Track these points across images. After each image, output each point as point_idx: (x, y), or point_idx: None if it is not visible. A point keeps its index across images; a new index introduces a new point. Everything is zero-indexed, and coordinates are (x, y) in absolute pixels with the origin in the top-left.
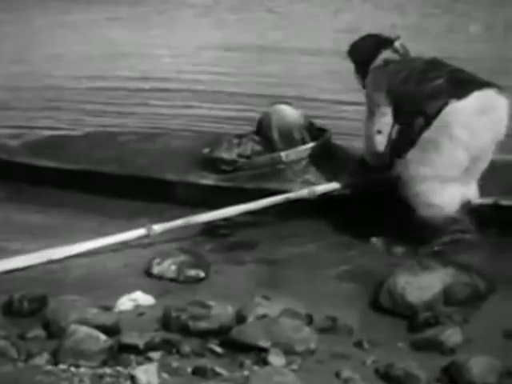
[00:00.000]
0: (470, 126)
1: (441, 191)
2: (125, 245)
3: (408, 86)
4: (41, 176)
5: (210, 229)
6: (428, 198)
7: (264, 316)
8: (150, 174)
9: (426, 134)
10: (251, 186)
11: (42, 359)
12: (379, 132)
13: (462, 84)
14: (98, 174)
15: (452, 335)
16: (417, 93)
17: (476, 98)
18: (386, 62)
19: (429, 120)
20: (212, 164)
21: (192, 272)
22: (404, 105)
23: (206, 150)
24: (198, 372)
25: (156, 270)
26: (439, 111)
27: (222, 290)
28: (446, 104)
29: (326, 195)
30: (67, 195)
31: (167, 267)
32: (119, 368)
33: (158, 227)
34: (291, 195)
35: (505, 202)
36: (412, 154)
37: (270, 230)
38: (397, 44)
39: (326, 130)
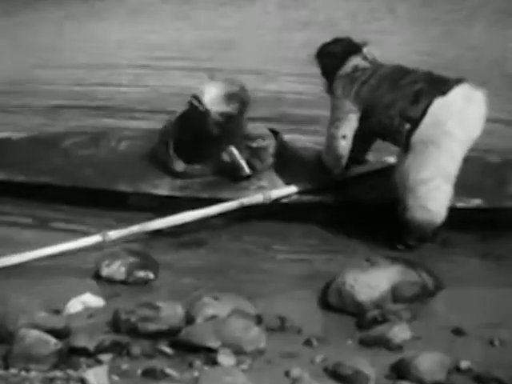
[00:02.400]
0: (460, 118)
1: (442, 192)
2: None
3: (379, 92)
4: None
5: (159, 230)
6: (427, 201)
7: (213, 316)
8: (100, 185)
9: (423, 136)
10: (205, 196)
11: None
12: (344, 137)
13: (441, 82)
14: (46, 187)
15: (400, 332)
16: (392, 98)
17: (458, 93)
18: (355, 69)
19: (416, 123)
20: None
21: (141, 273)
22: (376, 111)
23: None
24: (148, 374)
25: (105, 271)
26: (424, 111)
27: (171, 291)
28: (430, 103)
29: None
30: (14, 205)
31: (116, 269)
32: (69, 371)
33: (113, 233)
34: (246, 200)
35: (459, 205)
36: (410, 159)
37: (219, 230)
38: (365, 50)
39: (277, 133)
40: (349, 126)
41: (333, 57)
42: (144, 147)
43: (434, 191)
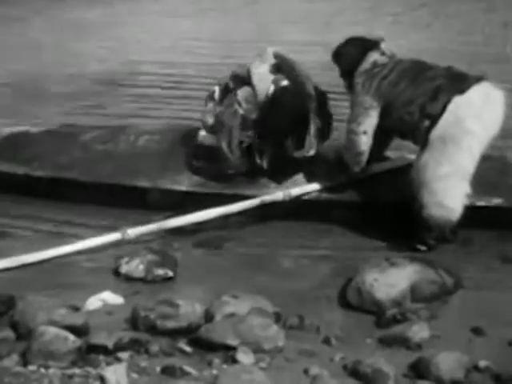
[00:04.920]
0: (479, 117)
1: (459, 190)
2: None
3: (399, 87)
4: (3, 181)
5: (177, 227)
6: (444, 198)
7: (232, 314)
8: (119, 181)
9: (442, 133)
10: (225, 192)
11: (11, 361)
12: (365, 133)
13: (461, 79)
14: (66, 181)
15: (419, 331)
16: (412, 94)
17: (477, 91)
18: (374, 65)
19: (435, 120)
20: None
21: (160, 271)
22: (396, 107)
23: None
24: (167, 371)
25: (124, 269)
26: (443, 109)
27: (190, 288)
28: (449, 101)
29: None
30: (33, 201)
31: (135, 267)
32: (88, 368)
33: (132, 231)
34: (266, 198)
35: (480, 203)
36: (427, 156)
37: (239, 228)
38: (383, 46)
39: None
40: (369, 122)
41: (351, 55)
42: (163, 142)
43: (450, 188)
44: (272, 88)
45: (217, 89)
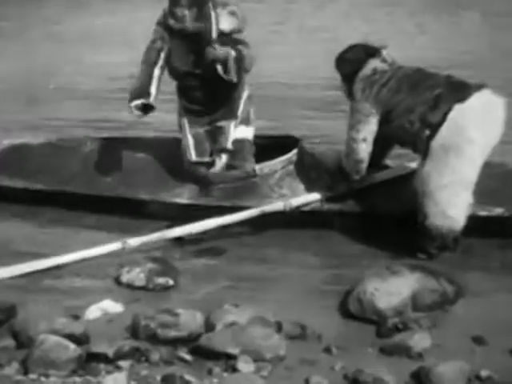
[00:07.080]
0: (480, 124)
1: (462, 199)
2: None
3: (399, 95)
4: (5, 193)
5: (179, 237)
6: (447, 207)
7: (233, 323)
8: (119, 193)
9: (443, 142)
10: (226, 204)
11: (11, 369)
12: (364, 140)
13: (461, 88)
14: (66, 194)
15: (420, 340)
16: (412, 103)
17: (477, 99)
18: (374, 72)
19: (436, 129)
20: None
21: (161, 280)
22: (396, 115)
23: None
24: (168, 380)
25: (125, 278)
26: (444, 117)
27: (190, 297)
28: (449, 109)
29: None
30: (34, 211)
31: (136, 275)
32: (88, 377)
33: (133, 241)
34: (267, 208)
35: (482, 213)
36: (430, 165)
37: (239, 237)
38: (384, 53)
39: (298, 140)
40: (369, 129)
41: (352, 61)
42: (163, 155)
43: (453, 198)
44: None
45: None
